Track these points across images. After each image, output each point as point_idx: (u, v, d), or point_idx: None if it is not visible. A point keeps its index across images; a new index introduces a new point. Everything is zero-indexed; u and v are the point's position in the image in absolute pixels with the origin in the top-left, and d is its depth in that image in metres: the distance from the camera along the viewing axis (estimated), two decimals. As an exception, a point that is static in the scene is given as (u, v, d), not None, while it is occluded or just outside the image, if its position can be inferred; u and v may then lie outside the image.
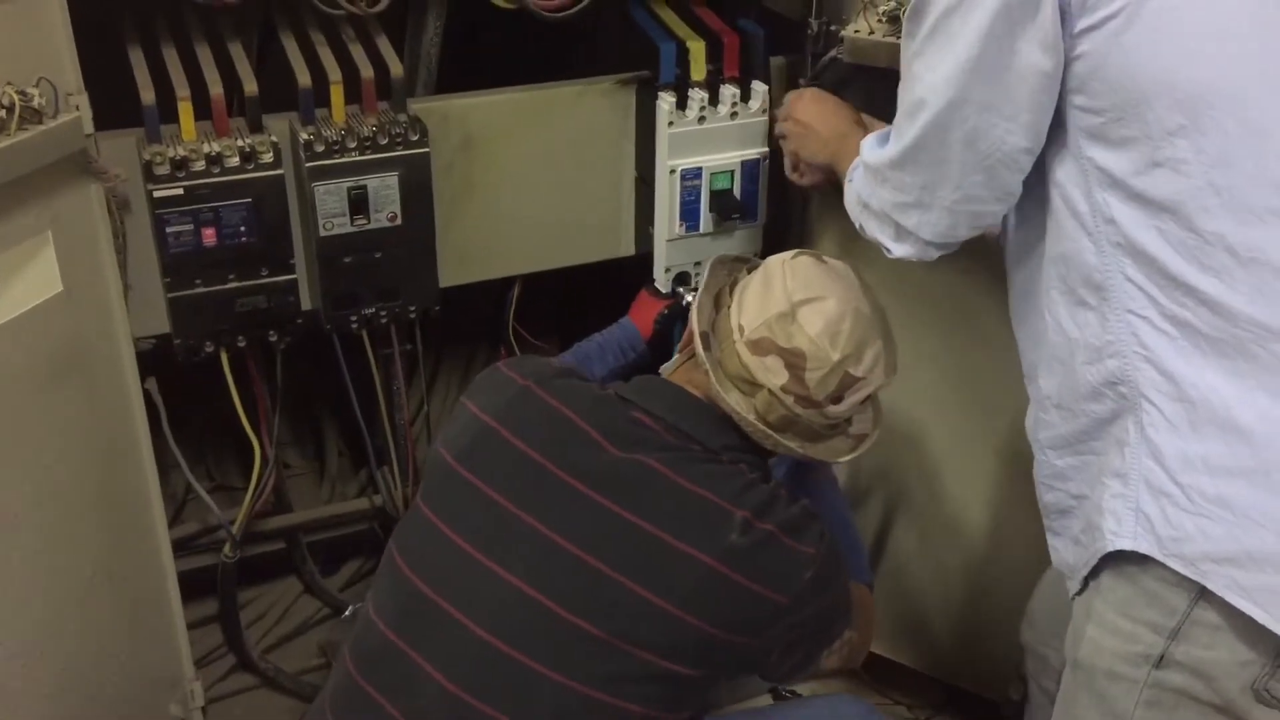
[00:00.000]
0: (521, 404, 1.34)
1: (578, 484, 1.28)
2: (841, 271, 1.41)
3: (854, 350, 1.34)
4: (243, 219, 1.58)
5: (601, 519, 1.26)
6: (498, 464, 1.31)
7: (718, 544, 1.25)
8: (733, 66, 1.76)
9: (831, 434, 1.41)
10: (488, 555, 1.27)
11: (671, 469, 1.28)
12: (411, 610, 1.29)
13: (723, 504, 1.26)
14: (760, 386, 1.33)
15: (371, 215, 1.63)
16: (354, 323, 1.70)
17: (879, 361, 1.37)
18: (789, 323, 1.33)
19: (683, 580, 1.24)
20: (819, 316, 1.33)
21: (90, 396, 1.55)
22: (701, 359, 1.36)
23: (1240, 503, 1.12)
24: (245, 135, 1.57)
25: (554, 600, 1.24)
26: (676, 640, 1.25)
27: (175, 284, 1.58)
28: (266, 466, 1.80)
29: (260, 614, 2.13)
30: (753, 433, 1.35)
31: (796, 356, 1.32)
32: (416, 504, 1.35)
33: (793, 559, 1.27)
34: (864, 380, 1.35)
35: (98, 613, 1.63)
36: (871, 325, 1.37)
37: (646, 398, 1.35)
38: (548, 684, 1.23)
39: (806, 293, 1.34)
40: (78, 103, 1.41)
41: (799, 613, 1.29)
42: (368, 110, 1.64)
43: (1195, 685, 1.18)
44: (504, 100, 1.74)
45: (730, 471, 1.30)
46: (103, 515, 1.61)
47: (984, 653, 1.96)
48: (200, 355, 1.64)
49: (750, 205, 1.81)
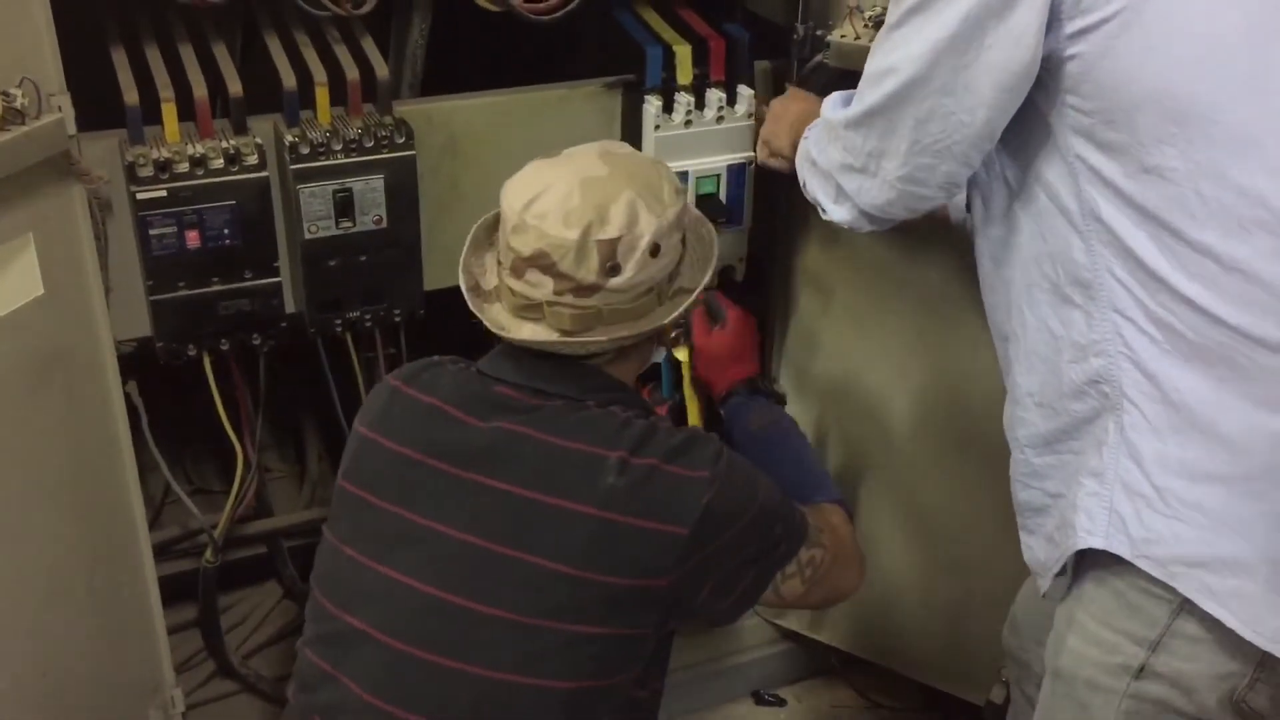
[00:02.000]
0: (390, 406, 1.35)
1: (449, 468, 1.27)
2: (571, 153, 1.33)
3: (594, 217, 1.24)
4: (226, 221, 1.56)
5: (478, 497, 1.25)
6: (376, 471, 1.31)
7: (595, 491, 1.21)
8: (719, 71, 1.76)
9: (649, 300, 1.30)
10: (380, 562, 1.27)
11: (537, 429, 1.26)
12: (327, 634, 1.30)
13: (595, 450, 1.24)
14: (538, 304, 1.28)
15: (357, 218, 1.62)
16: (338, 326, 1.69)
17: (634, 209, 1.26)
18: (524, 232, 1.26)
19: (569, 538, 1.21)
20: (544, 209, 1.26)
21: (71, 399, 1.53)
22: (476, 312, 1.33)
23: (1215, 508, 1.13)
24: (229, 137, 1.56)
25: (450, 592, 1.23)
26: (582, 601, 1.21)
27: (158, 287, 1.57)
28: (249, 471, 1.79)
29: (240, 619, 2.12)
30: (568, 349, 1.29)
31: (543, 257, 1.25)
32: (324, 531, 1.36)
33: (682, 487, 1.23)
34: (625, 237, 1.25)
35: (78, 618, 1.61)
36: (611, 182, 1.27)
37: (498, 368, 1.33)
38: (463, 679, 1.22)
39: (527, 196, 1.27)
40: (60, 103, 1.39)
41: (709, 542, 1.24)
42: (353, 112, 1.62)
43: (1174, 697, 1.19)
44: (489, 103, 1.74)
45: (600, 416, 1.27)
46: (83, 519, 1.59)
47: (965, 654, 1.97)
48: (183, 358, 1.63)
49: (736, 209, 1.81)
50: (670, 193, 1.30)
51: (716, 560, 1.26)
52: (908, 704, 2.19)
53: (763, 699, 2.26)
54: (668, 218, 1.28)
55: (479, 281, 1.37)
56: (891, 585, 2.02)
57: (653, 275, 1.28)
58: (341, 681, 1.27)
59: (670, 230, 1.29)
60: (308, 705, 1.31)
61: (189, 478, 2.18)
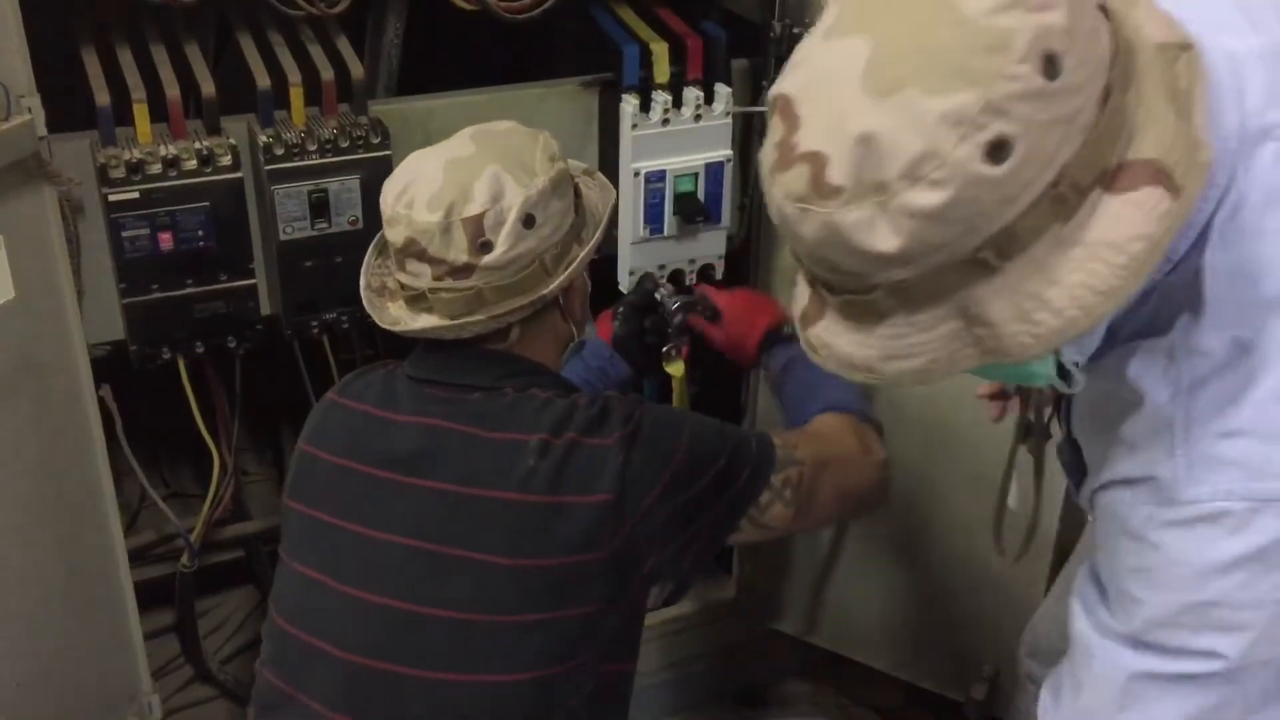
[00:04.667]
0: (326, 419, 1.36)
1: (382, 473, 1.27)
2: (447, 141, 1.32)
3: (457, 197, 1.23)
4: (200, 223, 1.55)
5: (412, 498, 1.25)
6: (315, 484, 1.32)
7: (518, 477, 1.21)
8: (696, 69, 1.76)
9: (533, 272, 1.27)
10: (329, 575, 1.27)
11: (460, 423, 1.26)
12: (283, 652, 1.30)
13: (516, 436, 1.23)
14: (423, 292, 1.27)
15: (332, 219, 1.61)
16: (315, 328, 1.68)
17: (498, 182, 1.23)
18: (396, 223, 1.26)
19: (500, 528, 1.21)
20: (411, 197, 1.25)
21: (44, 404, 1.52)
22: (371, 312, 1.34)
23: None
24: (203, 138, 1.54)
25: (396, 598, 1.23)
26: (523, 591, 1.21)
27: (131, 289, 1.55)
28: (225, 474, 1.77)
29: (218, 624, 2.11)
30: (457, 334, 1.28)
31: (413, 244, 1.25)
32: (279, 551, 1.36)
33: (598, 455, 1.22)
34: (490, 210, 1.22)
35: (53, 624, 1.60)
36: (475, 160, 1.25)
37: (419, 366, 1.33)
38: (420, 685, 1.21)
39: (399, 187, 1.27)
40: (30, 105, 1.37)
41: (639, 503, 1.22)
42: (328, 112, 1.61)
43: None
44: (465, 103, 1.73)
45: (519, 401, 1.26)
46: (57, 524, 1.58)
47: (948, 652, 1.97)
48: (157, 362, 1.61)
49: (714, 208, 1.80)
50: (542, 161, 1.27)
51: (654, 519, 1.24)
52: (890, 702, 2.20)
53: (745, 699, 2.26)
54: (537, 186, 1.24)
55: (385, 282, 1.36)
56: (874, 583, 2.02)
57: (533, 247, 1.25)
58: (301, 701, 1.26)
59: (544, 199, 1.25)
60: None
61: (165, 482, 2.16)
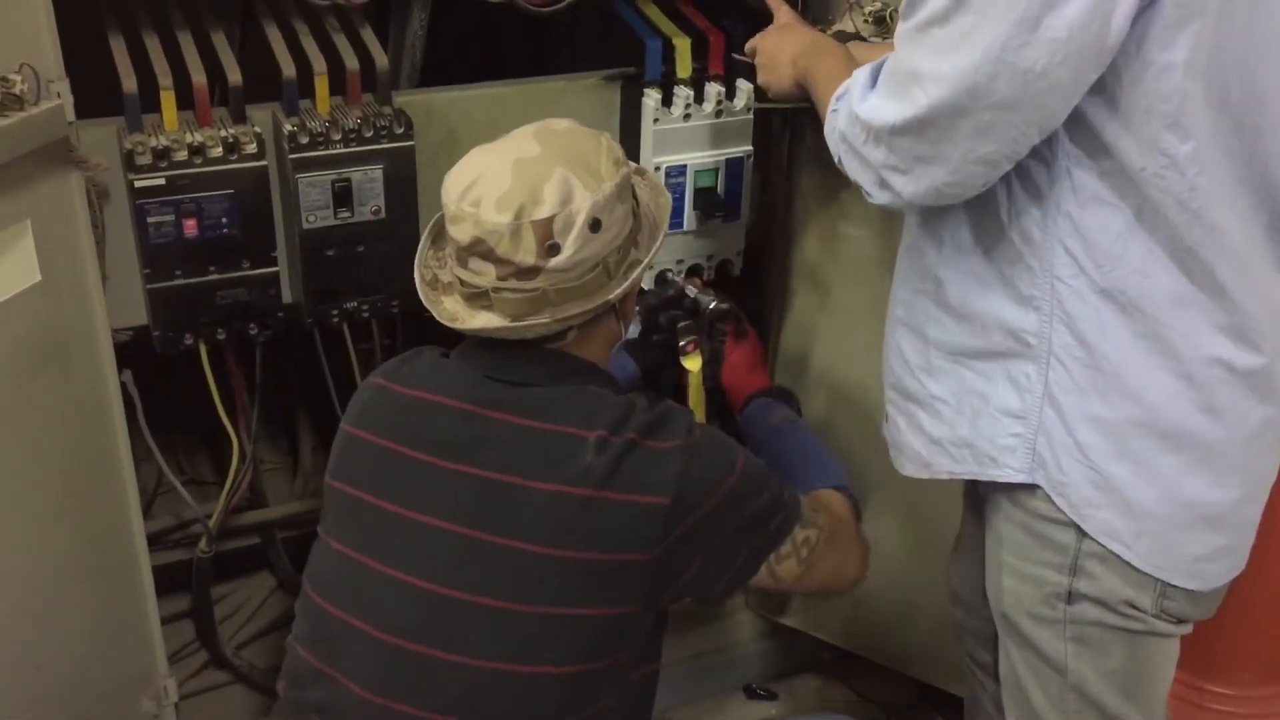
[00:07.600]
0: (374, 402, 1.35)
1: (432, 459, 1.27)
2: (509, 136, 1.31)
3: (526, 199, 1.22)
4: (224, 210, 1.56)
5: (460, 485, 1.25)
6: (363, 466, 1.32)
7: (575, 471, 1.21)
8: (718, 65, 1.76)
9: (597, 276, 1.27)
10: (371, 556, 1.27)
11: (513, 413, 1.26)
12: (318, 630, 1.30)
13: (574, 431, 1.23)
14: (485, 291, 1.26)
15: (355, 208, 1.62)
16: (335, 317, 1.69)
17: (567, 185, 1.23)
18: (461, 221, 1.24)
19: (549, 519, 1.21)
20: (478, 195, 1.24)
21: (67, 388, 1.53)
22: (429, 306, 1.33)
23: (1127, 463, 1.20)
24: (228, 125, 1.55)
25: (438, 583, 1.23)
26: (566, 582, 1.21)
27: (155, 275, 1.56)
28: (244, 461, 1.78)
29: (234, 610, 2.11)
30: (519, 334, 1.27)
31: (480, 244, 1.23)
32: (318, 530, 1.36)
33: (658, 459, 1.23)
34: (560, 214, 1.22)
35: (71, 607, 1.61)
36: (544, 161, 1.25)
37: (470, 359, 1.32)
38: (457, 670, 1.22)
39: (463, 184, 1.26)
40: (59, 90, 1.39)
41: (692, 511, 1.23)
42: (352, 102, 1.62)
43: (1107, 615, 1.27)
44: (488, 94, 1.73)
45: (576, 394, 1.27)
46: (77, 508, 1.59)
47: (955, 649, 1.97)
48: (179, 348, 1.62)
49: (734, 204, 1.81)
50: (608, 165, 1.27)
51: (702, 532, 1.25)
52: (898, 698, 2.20)
53: (754, 693, 2.26)
54: (604, 191, 1.24)
55: (438, 275, 1.36)
56: (882, 580, 2.02)
57: (598, 251, 1.25)
58: (336, 678, 1.27)
59: (610, 204, 1.25)
60: (299, 701, 1.31)
61: (182, 468, 2.17)
